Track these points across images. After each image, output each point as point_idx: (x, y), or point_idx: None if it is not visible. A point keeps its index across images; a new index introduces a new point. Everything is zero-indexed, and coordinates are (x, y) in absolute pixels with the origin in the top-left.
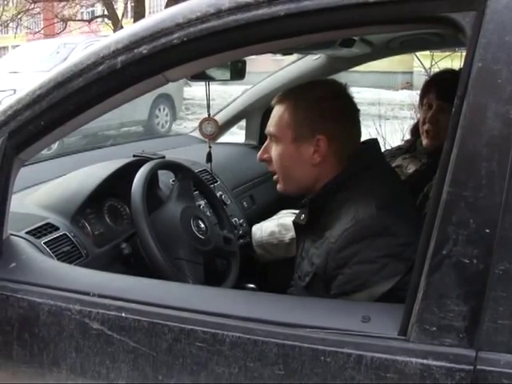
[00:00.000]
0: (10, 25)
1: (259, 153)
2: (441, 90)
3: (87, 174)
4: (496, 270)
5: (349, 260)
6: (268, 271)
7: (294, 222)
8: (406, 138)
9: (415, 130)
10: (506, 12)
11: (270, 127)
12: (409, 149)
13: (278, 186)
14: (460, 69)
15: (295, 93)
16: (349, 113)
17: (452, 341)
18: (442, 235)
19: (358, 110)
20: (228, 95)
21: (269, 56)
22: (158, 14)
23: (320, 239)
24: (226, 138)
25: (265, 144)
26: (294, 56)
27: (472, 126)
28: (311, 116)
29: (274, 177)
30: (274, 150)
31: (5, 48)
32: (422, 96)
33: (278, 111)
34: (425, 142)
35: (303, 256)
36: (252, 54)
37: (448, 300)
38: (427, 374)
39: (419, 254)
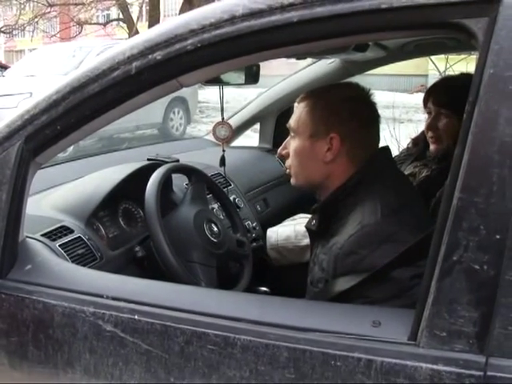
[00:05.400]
0: (27, 28)
1: (280, 148)
2: (437, 97)
3: (102, 177)
4: (506, 277)
5: (356, 265)
6: (281, 275)
7: (307, 228)
8: (406, 146)
9: (424, 137)
10: None
11: (291, 122)
12: (419, 156)
13: (291, 180)
14: (457, 75)
15: (317, 92)
16: (366, 117)
17: (462, 346)
18: (452, 241)
19: (377, 116)
20: (243, 98)
21: (283, 60)
22: (172, 20)
23: (328, 244)
24: (240, 141)
25: (285, 141)
26: (309, 60)
27: (483, 132)
28: (328, 115)
29: (287, 171)
30: (292, 145)
31: (21, 51)
32: (424, 104)
33: (299, 108)
34: (430, 148)
35: (315, 261)
36: (265, 60)
37: (458, 306)
38: (437, 380)
39: (430, 259)
